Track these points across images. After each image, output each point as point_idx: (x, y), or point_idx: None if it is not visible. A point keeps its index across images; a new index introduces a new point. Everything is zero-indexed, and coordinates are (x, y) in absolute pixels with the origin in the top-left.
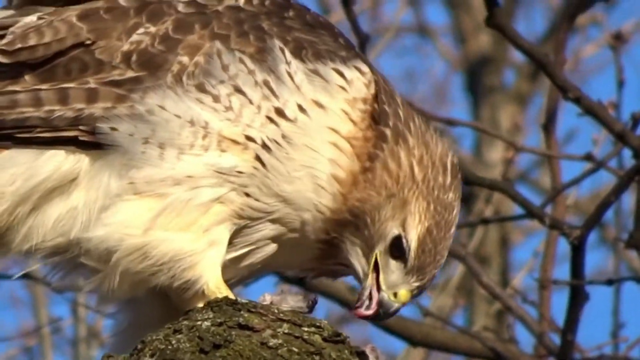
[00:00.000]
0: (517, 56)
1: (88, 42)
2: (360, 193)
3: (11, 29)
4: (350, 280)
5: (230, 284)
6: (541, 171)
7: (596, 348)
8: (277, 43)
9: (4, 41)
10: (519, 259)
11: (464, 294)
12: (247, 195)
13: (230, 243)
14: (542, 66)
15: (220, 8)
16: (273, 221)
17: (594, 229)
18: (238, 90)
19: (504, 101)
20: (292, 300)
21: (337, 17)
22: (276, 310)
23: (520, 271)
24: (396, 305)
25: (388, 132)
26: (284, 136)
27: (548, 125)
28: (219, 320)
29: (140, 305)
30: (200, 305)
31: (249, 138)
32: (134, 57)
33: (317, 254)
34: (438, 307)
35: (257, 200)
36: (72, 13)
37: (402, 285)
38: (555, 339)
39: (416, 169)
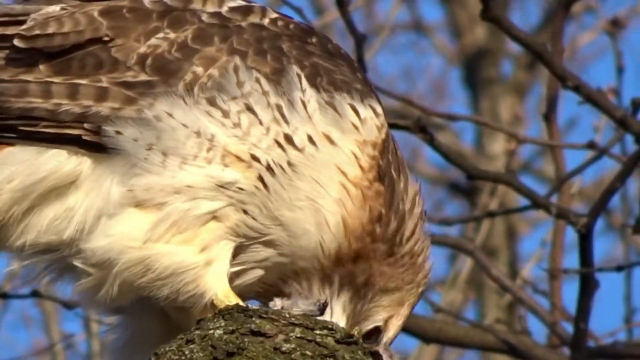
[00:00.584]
0: (513, 47)
1: (106, 38)
2: (375, 262)
3: (32, 16)
4: None
5: None
6: (543, 160)
7: (609, 335)
8: (295, 69)
9: (24, 26)
10: (527, 250)
11: (474, 287)
12: (245, 212)
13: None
14: (540, 56)
15: (243, 24)
16: (267, 244)
17: (601, 216)
18: (249, 108)
19: (503, 93)
20: (302, 304)
21: (332, 17)
22: (287, 315)
23: (528, 262)
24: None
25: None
26: (290, 163)
27: (549, 115)
28: (231, 328)
29: (139, 320)
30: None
31: (254, 157)
32: (149, 61)
33: (278, 281)
34: (449, 302)
35: (254, 219)
36: (95, 7)
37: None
38: (568, 328)
39: (419, 259)
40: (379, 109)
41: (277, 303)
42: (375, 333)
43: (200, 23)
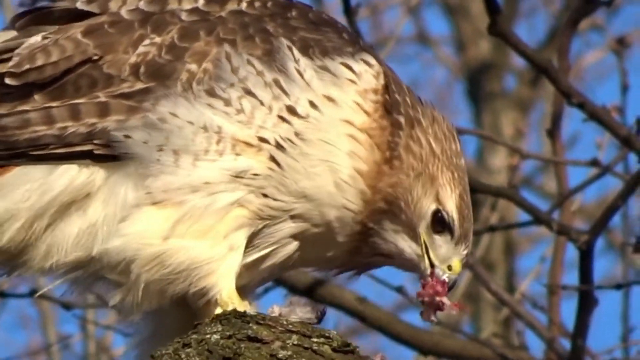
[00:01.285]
0: (517, 62)
1: (95, 57)
2: (390, 179)
3: (17, 51)
4: (359, 289)
5: (252, 285)
6: (545, 176)
7: (607, 352)
8: (285, 42)
9: (11, 63)
10: (525, 267)
11: (470, 301)
12: (265, 196)
13: (252, 244)
14: (546, 72)
15: (223, 14)
16: (294, 218)
17: (601, 234)
18: (248, 92)
19: (506, 107)
20: (300, 311)
21: None
22: (285, 322)
23: (526, 278)
24: (453, 277)
25: (402, 119)
26: (296, 134)
27: (553, 131)
28: (227, 333)
29: (160, 316)
30: (212, 313)
31: (262, 139)
32: (142, 69)
33: (351, 247)
34: (446, 315)
35: (275, 199)
36: (76, 30)
37: (454, 256)
38: (566, 345)
39: (434, 145)
40: (372, 60)
41: (275, 309)
42: (438, 217)
43: (182, 22)
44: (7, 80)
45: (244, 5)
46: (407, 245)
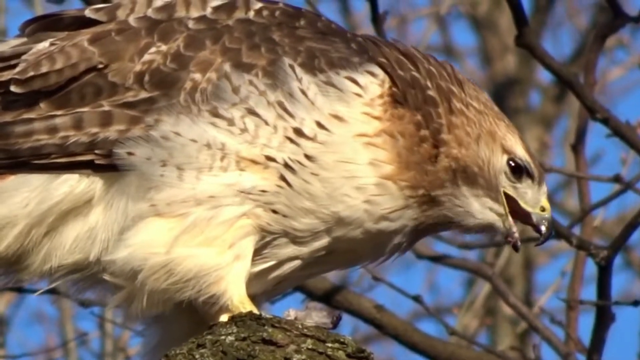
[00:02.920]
0: (543, 78)
1: (100, 66)
2: (449, 151)
3: (23, 57)
4: (376, 297)
5: (269, 292)
6: (566, 193)
7: None
8: (287, 60)
9: (17, 70)
10: (543, 282)
11: (488, 314)
12: (275, 212)
13: (262, 254)
14: (571, 86)
15: (230, 22)
16: (330, 235)
17: (620, 252)
18: (251, 112)
19: (530, 123)
20: (316, 316)
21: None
22: (300, 326)
23: (545, 292)
24: (548, 216)
25: (432, 93)
26: (307, 156)
27: (577, 146)
28: (242, 335)
29: (168, 321)
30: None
31: (269, 158)
32: (146, 77)
33: (419, 222)
34: (463, 326)
35: (285, 216)
36: (83, 37)
37: (541, 197)
38: None
39: (475, 104)
40: (377, 70)
41: (290, 313)
42: (514, 165)
43: (188, 30)
44: (12, 88)
45: (251, 14)
46: (489, 211)
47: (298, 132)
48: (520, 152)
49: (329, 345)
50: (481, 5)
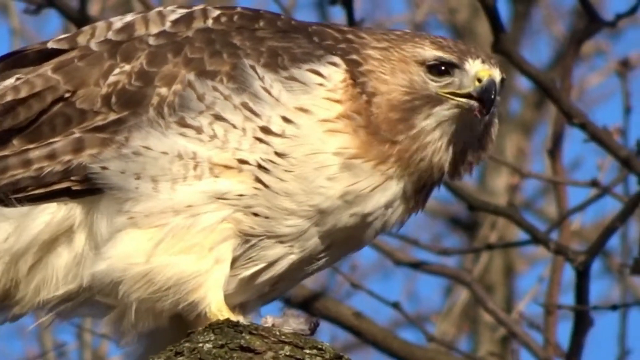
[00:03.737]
0: (522, 85)
1: (67, 94)
2: (380, 102)
3: None
4: (355, 304)
5: (256, 299)
6: (546, 200)
7: None
8: (247, 62)
9: None
10: (523, 288)
11: (467, 321)
12: (256, 215)
13: (249, 257)
14: (548, 91)
15: (190, 33)
16: (318, 227)
17: (599, 256)
18: (218, 117)
19: (509, 129)
20: (294, 322)
21: None
22: (278, 333)
23: (524, 298)
24: (489, 79)
25: (355, 56)
26: (278, 153)
27: (554, 151)
28: (220, 343)
29: (152, 332)
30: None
31: (241, 161)
32: (113, 99)
33: (412, 179)
34: (442, 333)
35: (266, 217)
36: (47, 67)
37: (470, 72)
38: None
39: (380, 45)
40: (338, 60)
41: (268, 320)
42: (429, 66)
43: (149, 47)
44: None
45: (210, 22)
46: (441, 118)
47: (266, 130)
48: (429, 54)
49: (307, 351)
50: (460, 13)
